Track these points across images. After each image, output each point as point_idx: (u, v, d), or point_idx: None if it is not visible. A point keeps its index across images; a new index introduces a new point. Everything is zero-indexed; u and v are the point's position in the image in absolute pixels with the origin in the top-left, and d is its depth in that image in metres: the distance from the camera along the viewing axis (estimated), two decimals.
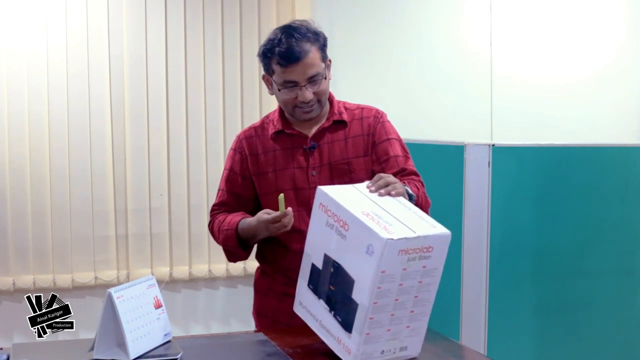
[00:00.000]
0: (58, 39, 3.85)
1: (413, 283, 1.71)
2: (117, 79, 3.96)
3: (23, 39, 3.81)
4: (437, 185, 2.51)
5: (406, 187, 2.02)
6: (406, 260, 1.67)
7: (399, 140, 2.26)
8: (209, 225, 2.36)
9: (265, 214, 2.09)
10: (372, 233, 1.66)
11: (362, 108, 2.29)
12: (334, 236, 1.77)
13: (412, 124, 2.24)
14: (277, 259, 2.24)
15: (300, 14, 4.15)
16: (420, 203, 2.09)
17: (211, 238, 4.08)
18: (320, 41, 2.15)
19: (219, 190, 2.34)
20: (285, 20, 4.18)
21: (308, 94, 2.13)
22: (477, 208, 3.18)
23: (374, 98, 2.38)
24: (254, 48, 4.12)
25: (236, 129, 4.12)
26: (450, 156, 3.24)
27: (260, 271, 2.35)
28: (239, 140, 2.30)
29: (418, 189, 2.13)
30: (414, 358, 1.84)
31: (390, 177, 1.93)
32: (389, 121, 2.29)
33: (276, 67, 2.12)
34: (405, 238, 1.65)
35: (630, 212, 3.45)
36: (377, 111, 2.28)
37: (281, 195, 2.03)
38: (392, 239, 1.63)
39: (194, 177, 4.10)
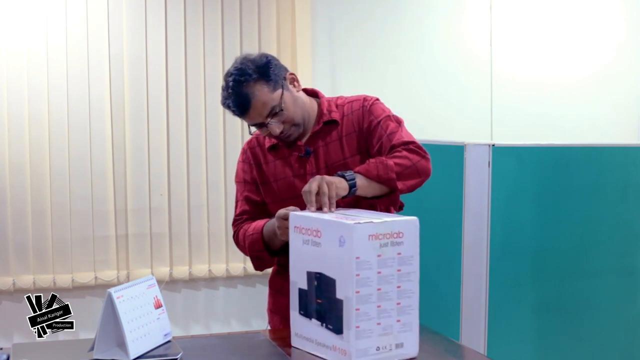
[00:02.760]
0: (58, 38, 3.85)
1: (392, 271, 1.77)
2: (117, 79, 3.95)
3: (23, 38, 3.81)
4: (437, 185, 2.51)
5: (346, 173, 2.01)
6: (378, 246, 1.74)
7: (388, 116, 2.18)
8: (234, 237, 2.33)
9: (283, 210, 2.03)
10: (341, 224, 1.76)
11: (351, 101, 2.23)
12: (310, 250, 1.84)
13: (412, 123, 2.24)
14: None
15: (300, 14, 4.15)
16: (383, 174, 2.04)
17: (211, 238, 4.17)
18: (261, 72, 2.09)
19: (236, 202, 2.34)
20: (285, 20, 4.21)
21: (275, 128, 2.13)
22: (477, 208, 3.17)
23: None
24: (254, 48, 4.12)
25: (236, 129, 4.12)
26: (450, 156, 3.23)
27: (275, 269, 2.37)
28: (244, 152, 2.33)
29: (383, 162, 2.05)
30: (414, 358, 1.84)
31: (313, 184, 1.93)
32: (376, 102, 2.21)
33: (236, 116, 2.15)
34: (372, 222, 1.74)
35: (630, 212, 3.45)
36: (365, 99, 2.22)
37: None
38: (359, 223, 1.73)
39: (194, 177, 4.10)
